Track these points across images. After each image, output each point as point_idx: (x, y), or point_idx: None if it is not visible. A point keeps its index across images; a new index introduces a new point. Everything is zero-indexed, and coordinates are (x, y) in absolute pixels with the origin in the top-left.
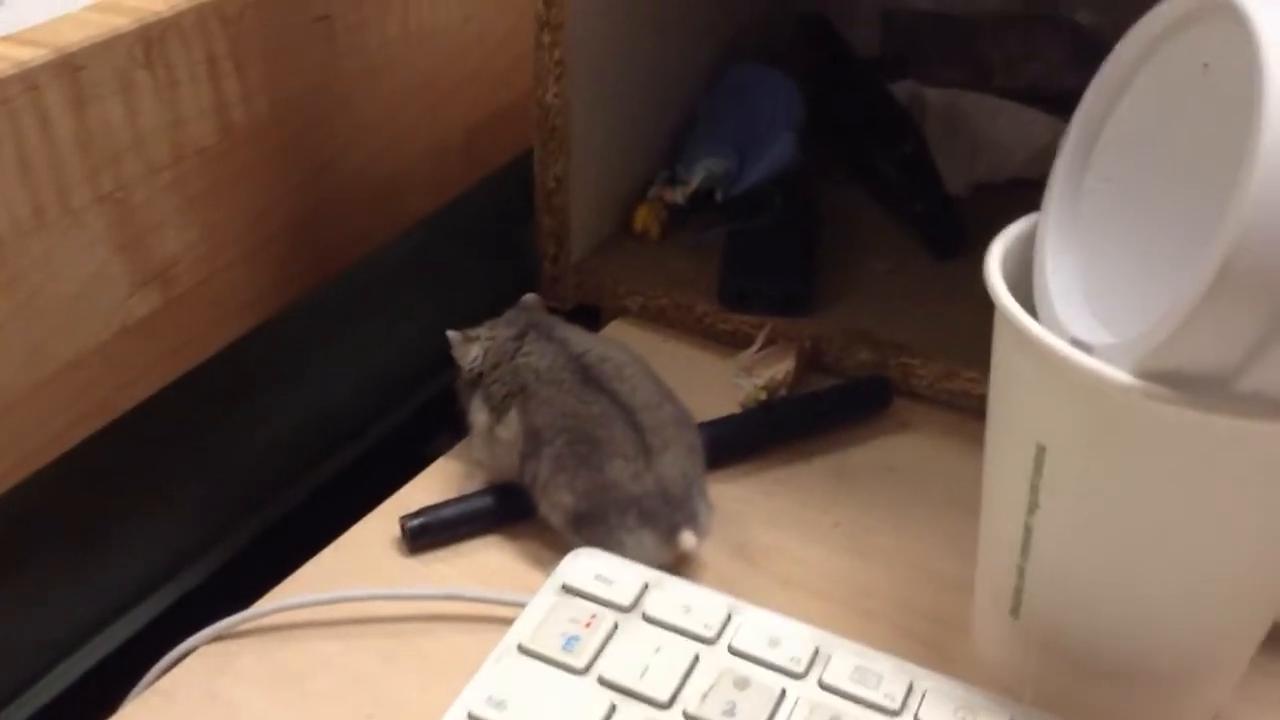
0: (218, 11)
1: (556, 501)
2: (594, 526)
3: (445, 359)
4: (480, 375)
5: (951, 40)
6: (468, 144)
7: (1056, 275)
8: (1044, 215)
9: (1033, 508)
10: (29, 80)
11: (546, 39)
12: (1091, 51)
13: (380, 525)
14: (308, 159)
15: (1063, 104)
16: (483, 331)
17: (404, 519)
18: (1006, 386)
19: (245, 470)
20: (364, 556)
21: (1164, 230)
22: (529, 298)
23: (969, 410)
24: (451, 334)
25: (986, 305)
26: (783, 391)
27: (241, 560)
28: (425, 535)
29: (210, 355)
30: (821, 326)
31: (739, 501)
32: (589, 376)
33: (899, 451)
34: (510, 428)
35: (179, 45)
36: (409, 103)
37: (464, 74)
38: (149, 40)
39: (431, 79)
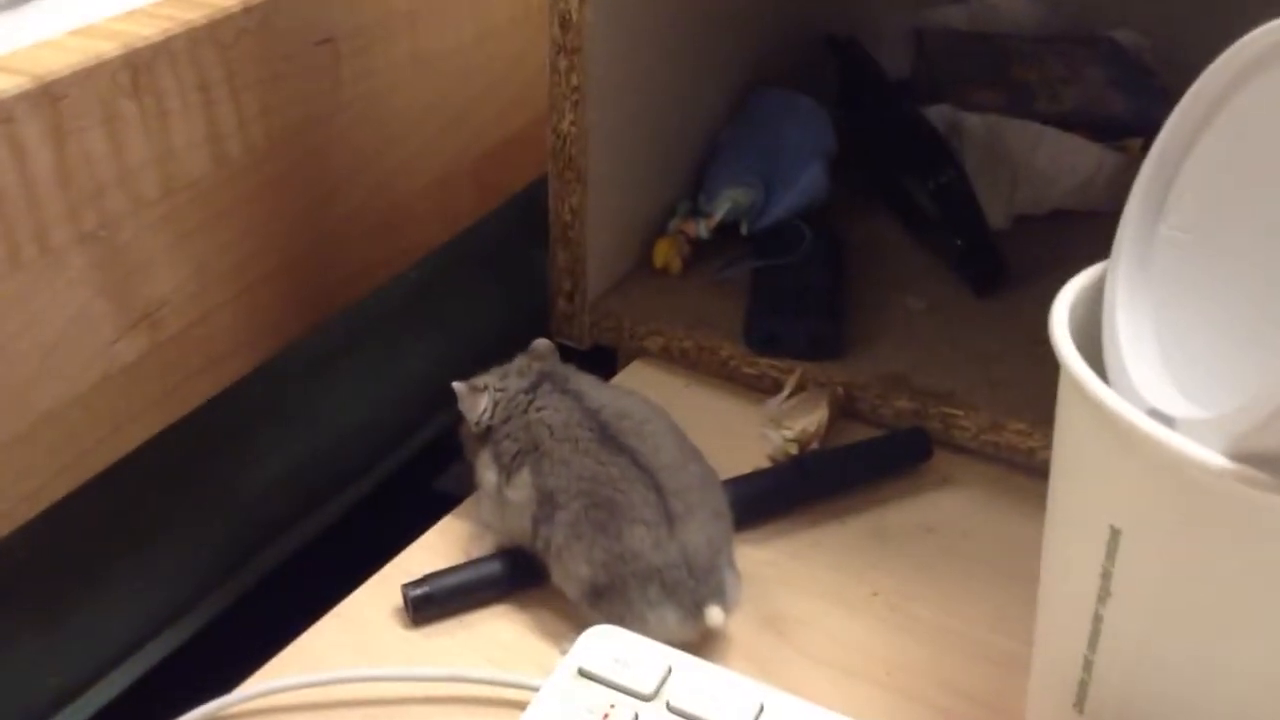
0: (212, 36)
1: (572, 572)
2: (612, 600)
3: (453, 396)
4: (489, 430)
5: (987, 61)
6: (477, 173)
7: (1129, 336)
8: (1113, 266)
9: (1104, 596)
10: (4, 111)
11: (563, 64)
12: (1134, 74)
13: (381, 592)
14: (308, 191)
15: (1108, 130)
16: (492, 381)
17: (406, 588)
18: (1074, 460)
19: (238, 519)
20: (362, 628)
21: (1254, 289)
22: (540, 344)
23: (1017, 465)
24: (458, 385)
25: (1035, 349)
26: (815, 444)
27: (233, 616)
28: (429, 606)
29: (201, 403)
30: (855, 372)
31: (768, 566)
32: (607, 434)
33: (940, 510)
34: (521, 489)
35: (169, 72)
36: (416, 129)
37: (474, 98)
38: (136, 67)
39: (439, 104)
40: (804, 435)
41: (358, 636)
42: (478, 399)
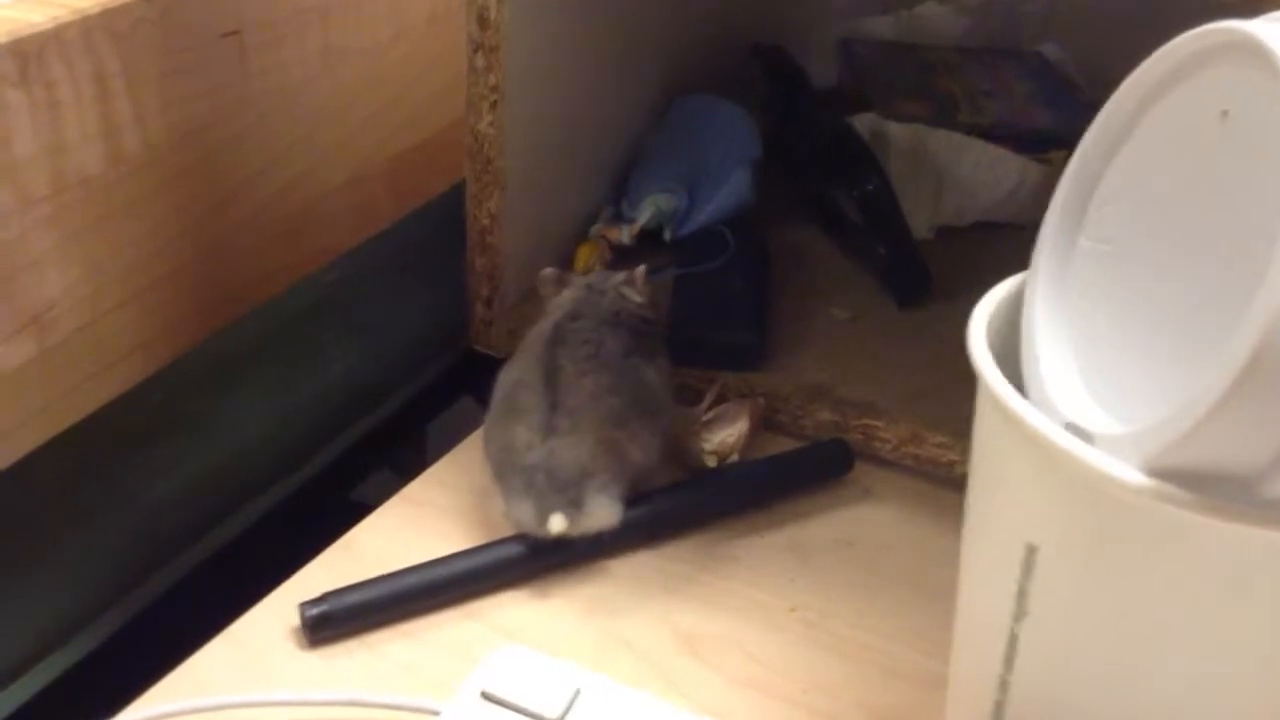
0: (107, 25)
1: (489, 456)
2: (500, 480)
3: (370, 401)
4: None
5: (913, 72)
6: (393, 174)
7: (1048, 349)
8: (1032, 278)
9: (1020, 614)
10: None
11: (481, 63)
12: (1058, 87)
13: (277, 611)
14: (211, 189)
15: (1032, 142)
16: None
17: (304, 606)
18: (991, 475)
19: (134, 534)
20: (256, 650)
21: (1174, 302)
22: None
23: (937, 478)
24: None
25: (957, 361)
26: (734, 456)
27: (127, 637)
28: (328, 626)
29: (91, 411)
30: (777, 382)
31: (684, 581)
32: (557, 337)
33: (860, 524)
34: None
35: (60, 62)
36: (328, 127)
37: (390, 98)
38: (24, 55)
39: (353, 102)
40: (723, 447)
41: (251, 657)
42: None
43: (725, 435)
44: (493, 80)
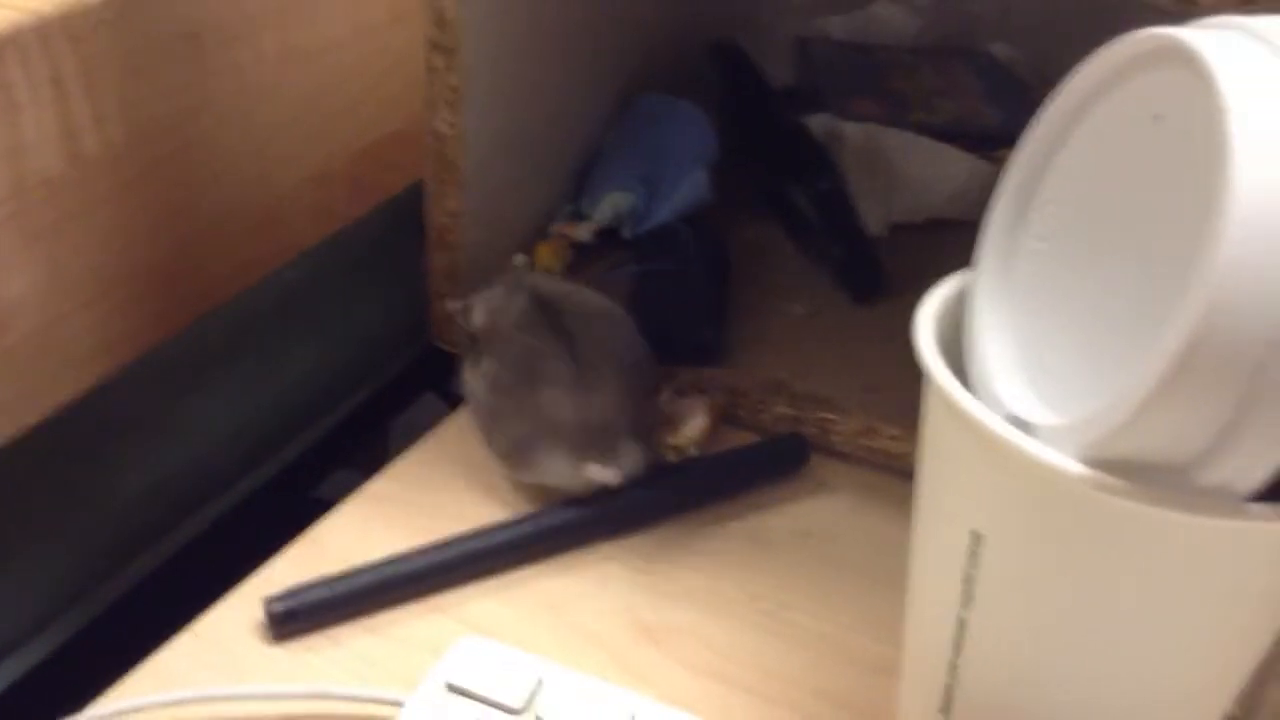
0: (65, 28)
1: (501, 435)
2: (523, 453)
3: (332, 398)
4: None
5: (867, 71)
6: (355, 171)
7: (992, 344)
8: (976, 276)
9: (967, 600)
10: None
11: (439, 63)
12: (1008, 87)
13: (242, 607)
14: (172, 189)
15: (982, 142)
16: (479, 299)
17: (268, 601)
18: (937, 465)
19: (96, 533)
20: (221, 645)
21: (1111, 298)
22: (518, 258)
23: (890, 470)
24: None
25: (909, 355)
26: (694, 450)
27: (89, 636)
28: (293, 620)
29: (48, 414)
30: (736, 378)
31: (644, 574)
32: (553, 318)
33: (816, 515)
34: (482, 382)
35: (17, 64)
36: (289, 127)
37: (350, 96)
38: None
39: (313, 101)
40: (684, 441)
41: (216, 653)
42: (473, 312)
43: (686, 430)
44: (452, 80)
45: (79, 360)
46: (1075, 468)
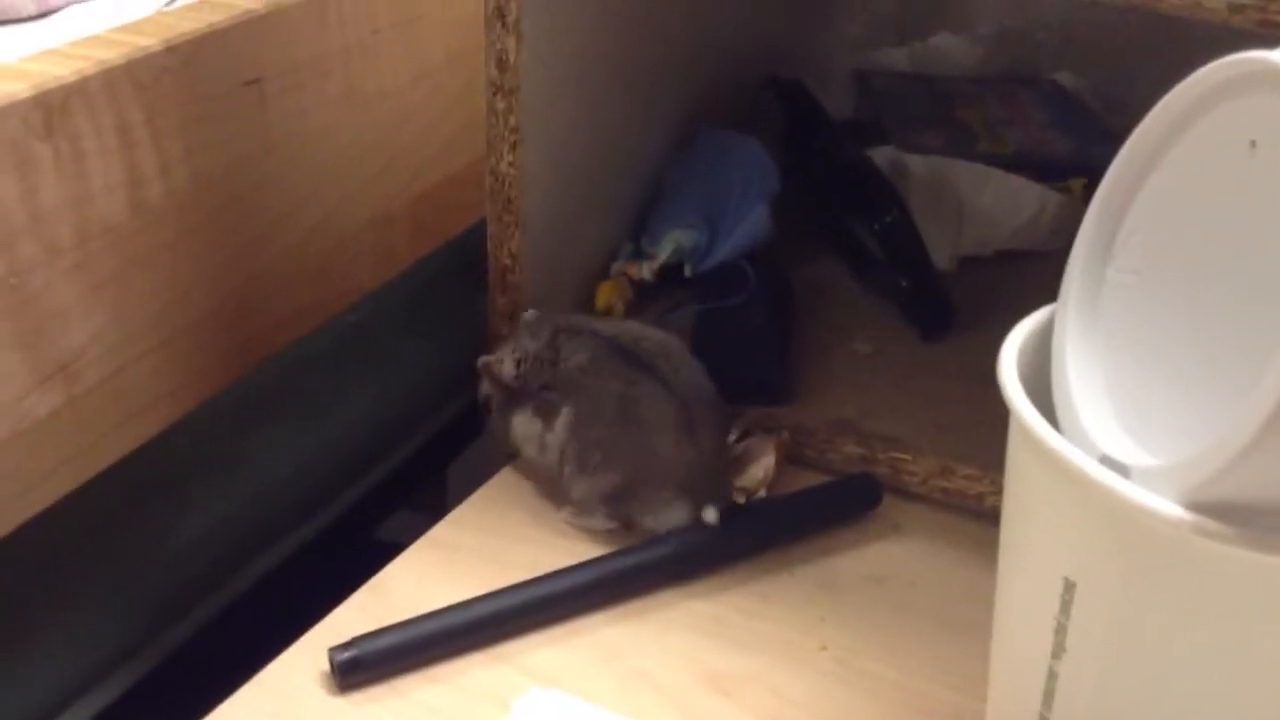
0: (131, 76)
1: (601, 480)
2: (630, 500)
3: (391, 440)
4: (523, 391)
5: (929, 103)
6: (415, 214)
7: (1080, 381)
8: (1061, 310)
9: (1058, 650)
10: None
11: (501, 105)
12: (1074, 115)
13: (307, 655)
14: (235, 235)
15: (1051, 170)
16: (507, 350)
17: (333, 651)
18: (1025, 509)
19: (162, 577)
20: (286, 695)
21: (1204, 333)
22: (529, 314)
23: (965, 511)
24: (482, 360)
25: (983, 392)
26: (762, 492)
27: (157, 680)
28: (357, 670)
29: (119, 458)
30: (802, 417)
31: (713, 621)
32: (630, 358)
33: (890, 559)
34: (561, 429)
35: (85, 113)
36: (350, 171)
37: (411, 139)
38: (49, 108)
39: (375, 145)
40: (751, 483)
41: (280, 704)
42: (503, 364)
43: (753, 471)
44: (512, 122)
45: (143, 409)
46: (1176, 512)
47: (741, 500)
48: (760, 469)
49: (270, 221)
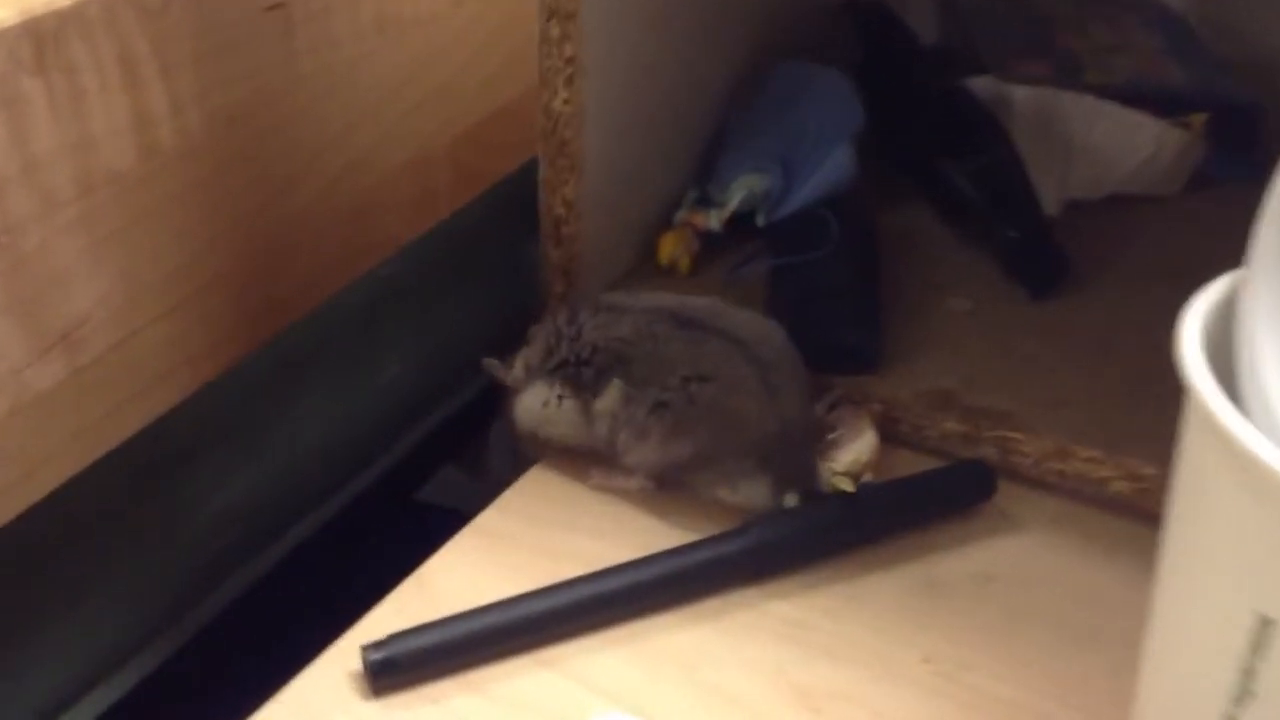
0: (134, 1)
1: (669, 449)
2: (705, 470)
3: (430, 403)
4: (555, 368)
5: (1028, 27)
6: (457, 155)
7: (1276, 365)
8: (1249, 278)
9: (1242, 696)
10: None
11: (555, 32)
12: (1187, 42)
13: (344, 657)
14: (256, 183)
15: (1166, 104)
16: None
17: (366, 650)
18: (1205, 524)
19: (187, 552)
20: (318, 697)
21: None
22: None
23: (1086, 498)
24: (488, 361)
25: (1104, 360)
26: (867, 476)
27: (185, 659)
28: (391, 672)
29: (131, 435)
30: (894, 387)
31: (797, 626)
32: (683, 321)
33: (1000, 555)
34: (610, 399)
35: (82, 44)
36: (385, 107)
37: (452, 71)
38: (40, 38)
39: (412, 78)
40: (856, 466)
41: (313, 707)
42: (521, 355)
43: (856, 452)
44: (569, 51)
45: (156, 380)
46: None
47: (849, 487)
48: (863, 450)
49: (296, 167)
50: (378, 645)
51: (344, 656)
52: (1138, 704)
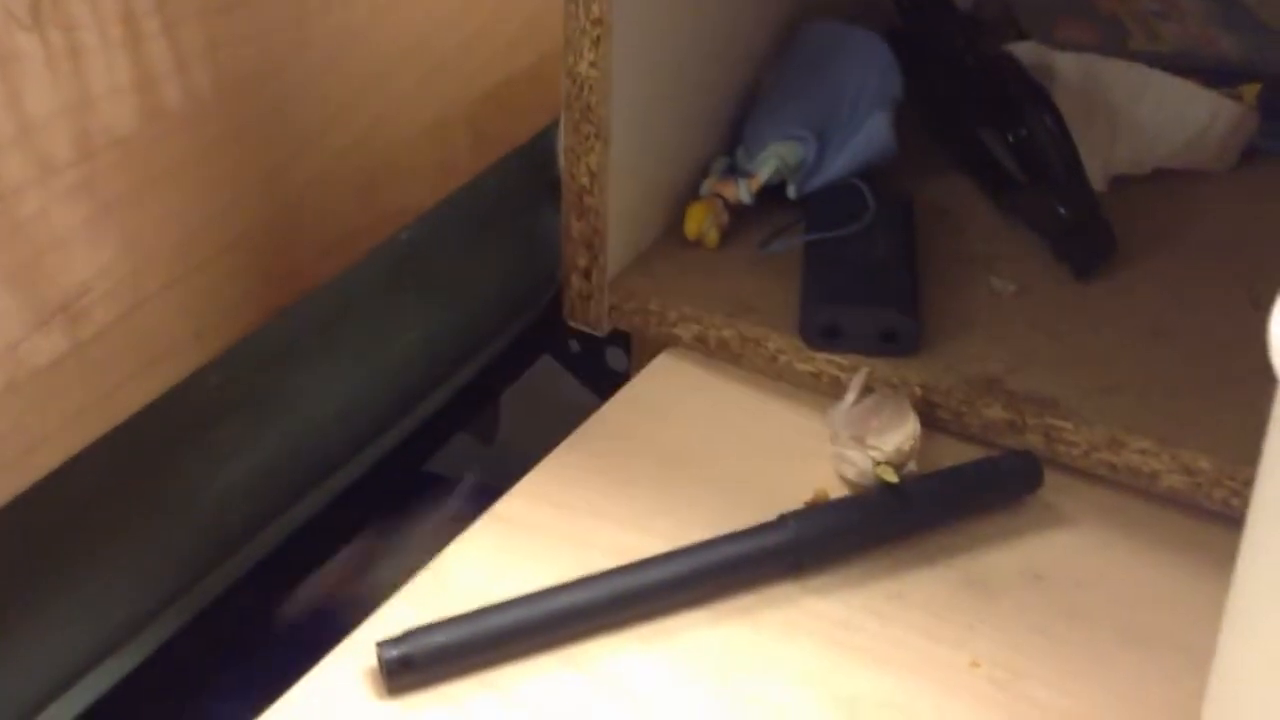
0: None
1: None
2: None
3: (446, 373)
4: None
5: None
6: (475, 119)
7: None
8: None
9: None
10: None
11: None
12: (1236, 8)
13: (357, 652)
14: (268, 147)
15: (1218, 75)
16: None
17: (382, 647)
18: None
19: (197, 526)
20: (330, 696)
21: None
22: None
23: (1139, 492)
24: None
25: (1155, 346)
26: (910, 466)
27: (191, 634)
28: (409, 671)
29: (136, 411)
30: (933, 371)
31: (839, 626)
32: None
33: (1049, 550)
34: None
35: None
36: (401, 69)
37: (474, 29)
38: None
39: (429, 37)
40: (899, 455)
41: (325, 708)
42: None
43: (899, 441)
44: (595, 11)
45: (163, 353)
46: None
47: (893, 478)
48: (906, 438)
49: (309, 130)
50: (394, 641)
51: (357, 652)
52: (1208, 713)
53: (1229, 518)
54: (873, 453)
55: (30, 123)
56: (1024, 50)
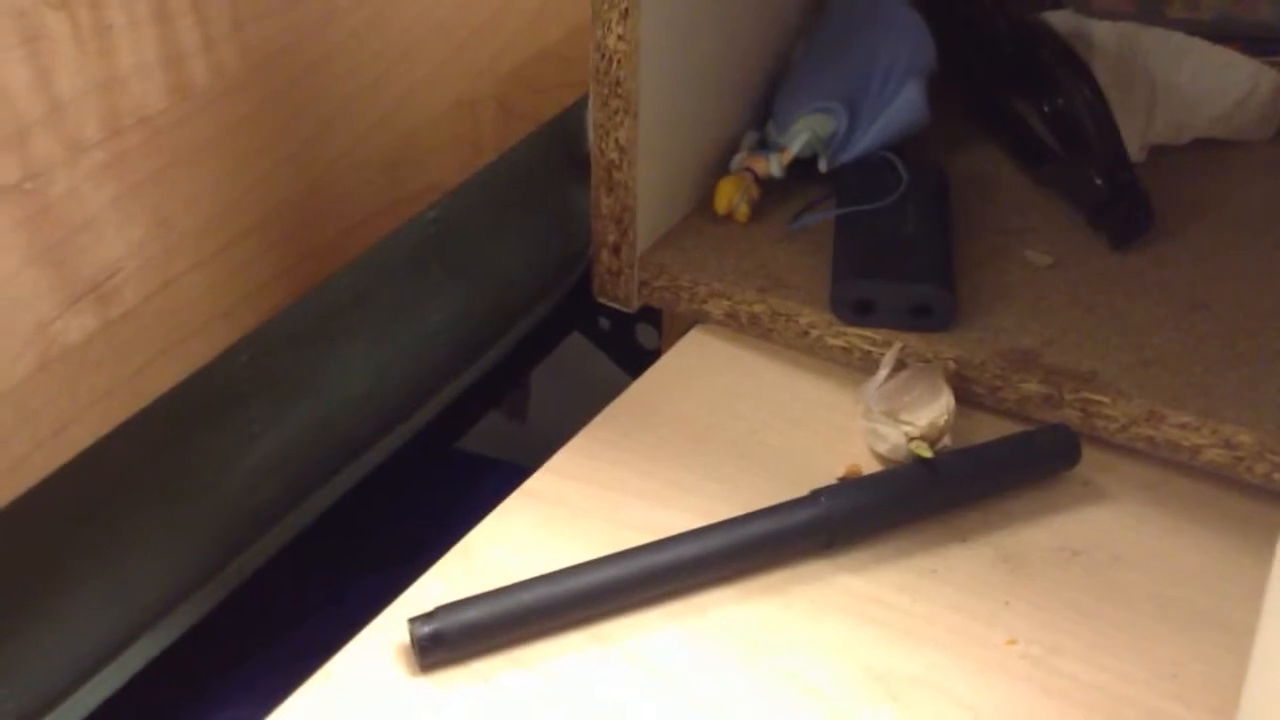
0: None
1: None
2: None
3: (476, 351)
4: None
5: None
6: (504, 95)
7: None
8: None
9: None
10: None
11: None
12: None
13: (388, 629)
14: (296, 125)
15: (1259, 44)
16: None
17: (414, 623)
18: None
19: (225, 507)
20: (362, 672)
21: None
22: None
23: (1178, 467)
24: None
25: (1195, 318)
26: (945, 441)
27: (226, 613)
28: (441, 648)
29: (166, 390)
30: (968, 346)
31: (872, 603)
32: None
33: (1086, 526)
34: None
35: None
36: (427, 45)
37: (497, 7)
38: None
39: (456, 12)
40: (934, 430)
41: (359, 683)
42: None
43: (933, 416)
44: None
45: (193, 332)
46: None
47: (927, 452)
48: (940, 413)
49: (336, 107)
50: (426, 618)
51: (388, 628)
52: (1249, 692)
53: (1271, 493)
54: (906, 428)
55: (59, 102)
56: (1060, 18)
